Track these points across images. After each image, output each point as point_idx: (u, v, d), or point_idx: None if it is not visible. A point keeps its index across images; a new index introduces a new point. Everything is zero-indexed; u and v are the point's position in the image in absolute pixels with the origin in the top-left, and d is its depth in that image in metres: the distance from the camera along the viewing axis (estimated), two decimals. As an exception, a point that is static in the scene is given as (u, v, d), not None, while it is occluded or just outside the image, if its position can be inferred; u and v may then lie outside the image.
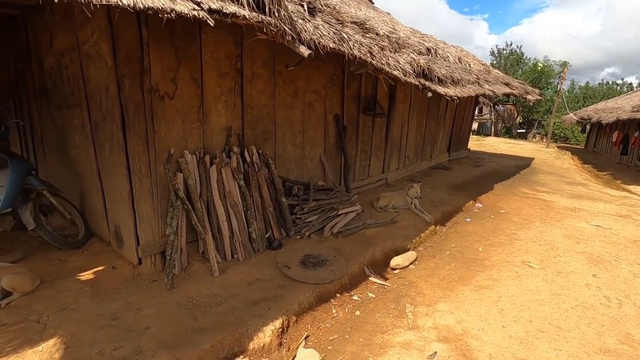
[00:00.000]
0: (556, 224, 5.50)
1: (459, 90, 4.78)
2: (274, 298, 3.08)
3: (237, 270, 3.43)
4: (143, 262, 3.45)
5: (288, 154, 4.88)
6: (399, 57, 3.71)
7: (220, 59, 3.82)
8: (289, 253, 3.82)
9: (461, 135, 11.42)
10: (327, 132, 5.52)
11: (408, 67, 3.70)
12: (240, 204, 3.78)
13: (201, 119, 3.74)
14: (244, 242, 3.69)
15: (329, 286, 3.36)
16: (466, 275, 3.84)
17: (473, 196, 6.70)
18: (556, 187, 8.15)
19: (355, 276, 3.67)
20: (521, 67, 26.75)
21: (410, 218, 5.23)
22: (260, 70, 4.27)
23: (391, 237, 4.53)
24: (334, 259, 3.78)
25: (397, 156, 7.71)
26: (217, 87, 3.85)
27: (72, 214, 4.04)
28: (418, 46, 4.92)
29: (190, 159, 3.56)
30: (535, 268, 3.97)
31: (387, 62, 3.27)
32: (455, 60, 6.23)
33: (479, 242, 4.77)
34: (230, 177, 3.73)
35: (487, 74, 7.50)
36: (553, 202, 6.81)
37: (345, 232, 4.41)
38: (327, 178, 5.56)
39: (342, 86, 5.64)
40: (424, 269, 4.01)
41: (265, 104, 4.42)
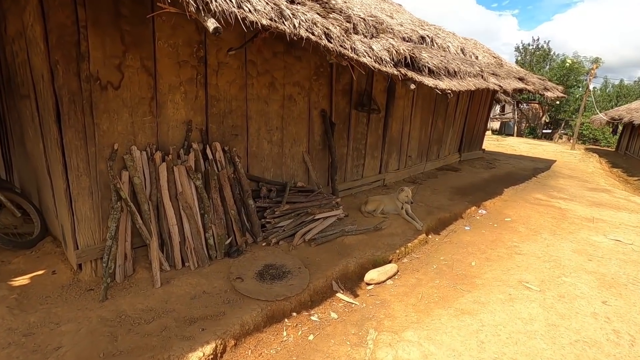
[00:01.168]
0: (568, 236, 4.85)
1: (455, 84, 4.23)
2: (214, 316, 2.69)
3: (184, 281, 3.07)
4: (83, 268, 3.15)
5: (263, 152, 4.48)
6: (373, 42, 3.23)
7: (178, 45, 3.46)
8: (247, 262, 3.43)
9: (474, 135, 10.70)
10: (312, 129, 5.08)
11: (385, 55, 3.21)
12: (195, 207, 3.42)
13: (154, 112, 3.39)
14: (197, 248, 3.32)
15: (284, 304, 2.94)
16: (449, 295, 3.33)
17: (477, 201, 6.10)
18: (575, 194, 7.39)
19: (320, 292, 3.24)
20: (548, 63, 25.24)
21: (400, 225, 4.73)
22: (228, 59, 3.88)
23: (372, 246, 4.06)
24: (297, 271, 3.36)
25: (397, 156, 7.17)
26: (175, 77, 3.49)
27: (29, 211, 3.80)
28: (409, 33, 4.39)
29: (139, 155, 3.23)
30: (533, 290, 3.41)
31: (351, 47, 2.80)
32: (457, 51, 5.63)
33: (473, 255, 4.22)
34: (184, 177, 3.37)
35: (497, 67, 6.82)
36: (569, 210, 6.10)
37: (319, 240, 3.98)
38: (310, 179, 5.13)
39: (331, 79, 5.18)
40: (402, 285, 3.52)
41: (235, 96, 4.04)
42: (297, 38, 2.32)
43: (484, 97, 10.46)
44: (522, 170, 9.55)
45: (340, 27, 2.77)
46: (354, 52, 2.84)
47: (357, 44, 2.99)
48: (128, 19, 3.08)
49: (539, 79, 8.65)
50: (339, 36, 2.69)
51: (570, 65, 22.94)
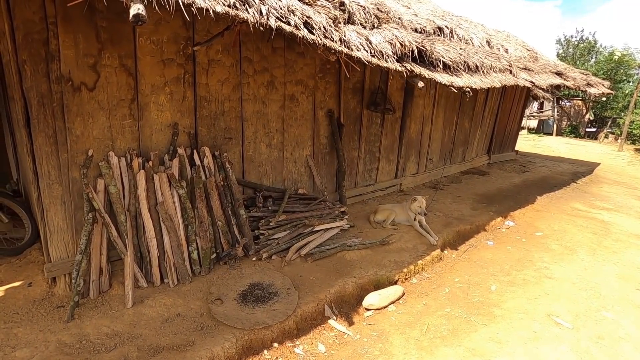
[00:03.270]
0: (611, 257, 4.16)
1: (476, 80, 3.68)
2: (182, 346, 2.39)
3: (158, 301, 2.80)
4: (57, 282, 2.96)
5: (261, 156, 4.16)
6: (374, 34, 2.78)
7: (162, 42, 3.19)
8: (231, 280, 3.11)
9: (506, 135, 9.87)
10: (317, 131, 4.69)
11: (387, 48, 2.76)
12: (177, 218, 3.14)
13: (135, 115, 3.14)
14: (178, 264, 3.05)
15: (264, 332, 2.60)
16: (461, 328, 2.85)
17: (504, 211, 5.47)
18: (621, 203, 6.52)
19: (309, 318, 2.87)
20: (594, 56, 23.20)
21: (411, 238, 4.25)
22: (220, 56, 3.58)
23: (376, 263, 3.63)
24: (285, 292, 3.00)
25: (416, 159, 6.63)
26: (159, 77, 3.22)
27: (21, 215, 3.70)
28: (424, 24, 3.88)
29: (116, 162, 2.99)
30: (564, 327, 2.85)
31: (341, 39, 2.38)
32: (482, 44, 5.02)
33: (494, 277, 3.68)
34: (165, 185, 3.10)
35: (531, 61, 6.10)
36: (613, 224, 5.33)
37: (317, 255, 3.60)
38: (315, 185, 4.75)
39: (339, 76, 4.77)
40: (406, 312, 3.08)
41: (228, 96, 3.73)
42: (265, 28, 1.96)
43: (517, 94, 9.61)
44: (559, 175, 8.67)
45: (328, 16, 2.37)
46: (344, 44, 2.43)
47: (352, 35, 2.57)
48: (104, 14, 2.83)
49: (581, 73, 7.76)
50: (325, 26, 2.29)
51: (620, 58, 20.94)
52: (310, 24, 2.20)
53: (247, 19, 1.85)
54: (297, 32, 2.09)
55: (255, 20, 1.89)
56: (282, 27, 2.00)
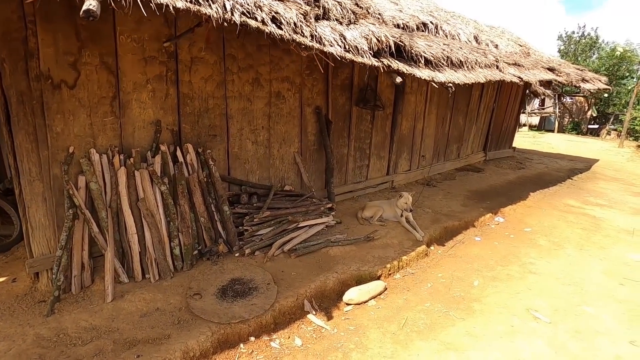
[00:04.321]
0: (598, 252, 4.15)
1: (459, 76, 3.67)
2: (157, 340, 2.42)
3: (138, 296, 2.83)
4: (40, 278, 3.00)
5: (247, 154, 4.18)
6: (350, 29, 2.78)
7: (144, 40, 3.21)
8: (212, 276, 3.14)
9: (503, 132, 9.82)
10: (304, 128, 4.71)
11: (363, 43, 2.76)
12: (159, 214, 3.17)
13: (117, 112, 3.17)
14: (159, 259, 3.08)
15: (241, 327, 2.62)
16: (438, 323, 2.85)
17: (495, 208, 5.45)
18: (616, 199, 6.48)
19: (287, 313, 2.88)
20: (595, 52, 22.97)
21: (397, 234, 4.26)
22: (203, 54, 3.60)
23: (359, 259, 3.64)
24: (265, 287, 3.02)
25: (408, 156, 6.63)
26: (141, 74, 3.25)
27: (10, 212, 3.74)
28: (407, 20, 3.87)
29: (97, 159, 3.02)
30: (542, 321, 2.85)
31: (312, 34, 2.38)
32: (469, 39, 5.00)
33: (478, 272, 3.68)
34: (146, 181, 3.13)
35: (522, 56, 6.06)
36: (604, 219, 5.30)
37: (300, 251, 3.62)
38: (303, 181, 4.76)
39: (327, 73, 4.77)
40: (386, 307, 3.09)
41: (212, 94, 3.75)
42: (229, 24, 1.97)
43: (514, 90, 9.55)
44: (555, 172, 8.62)
45: (298, 12, 2.38)
46: (316, 40, 2.44)
47: (326, 30, 2.58)
48: (83, 12, 2.86)
49: (576, 69, 7.71)
50: (295, 22, 2.30)
51: (622, 54, 20.74)
52: (278, 19, 2.21)
53: (209, 14, 1.87)
54: (263, 27, 2.10)
55: (219, 16, 1.90)
56: (247, 23, 2.01)
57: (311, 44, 2.36)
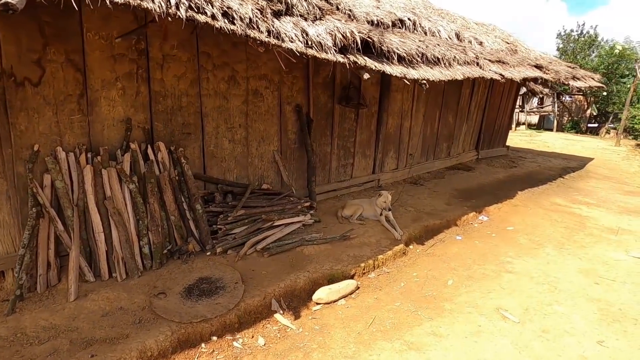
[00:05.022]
0: (578, 251, 4.10)
1: (435, 73, 3.62)
2: (115, 339, 2.40)
3: (102, 295, 2.81)
4: (6, 276, 2.98)
5: (224, 152, 4.15)
6: (315, 25, 2.74)
7: (113, 37, 3.18)
8: (180, 275, 3.12)
9: (495, 130, 9.76)
10: (284, 126, 4.68)
11: (327, 39, 2.72)
12: (127, 212, 3.15)
13: (85, 110, 3.15)
14: (126, 258, 3.05)
15: (203, 326, 2.59)
16: (405, 322, 2.82)
17: (479, 206, 5.41)
18: (605, 198, 6.41)
19: (253, 312, 2.86)
20: (594, 50, 22.79)
21: (376, 233, 4.23)
22: (175, 51, 3.57)
23: (333, 258, 3.61)
24: (232, 287, 3.00)
25: (395, 154, 6.59)
26: (109, 72, 3.23)
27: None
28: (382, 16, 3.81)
29: (64, 157, 3.00)
30: (511, 321, 2.80)
31: (269, 30, 2.34)
32: (450, 36, 4.94)
33: (454, 271, 3.64)
34: (114, 180, 3.11)
35: (508, 54, 6.00)
36: (590, 218, 5.25)
37: (273, 250, 3.59)
38: (283, 180, 4.73)
39: (307, 71, 4.74)
40: (356, 306, 3.05)
41: (186, 92, 3.73)
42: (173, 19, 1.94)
43: (507, 88, 9.50)
44: (547, 170, 8.55)
45: (255, 6, 2.34)
46: (273, 36, 2.41)
47: (288, 26, 2.54)
48: (47, 9, 2.81)
49: (567, 66, 7.63)
50: (250, 17, 2.27)
51: (621, 52, 20.57)
52: (230, 14, 2.18)
53: (151, 9, 1.84)
54: (213, 22, 2.07)
55: (162, 10, 1.87)
56: (195, 18, 1.98)
57: (267, 39, 2.33)
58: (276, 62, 4.36)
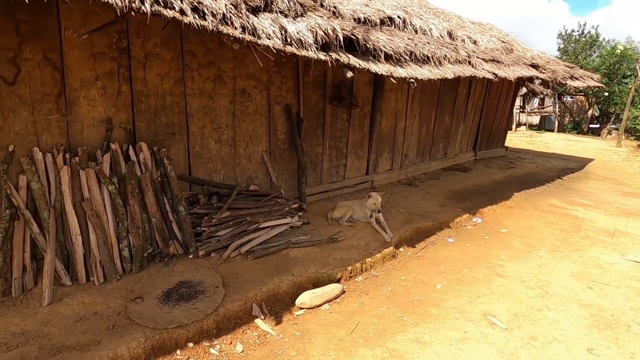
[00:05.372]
0: (572, 254, 3.99)
1: (424, 71, 3.54)
2: (86, 346, 2.32)
3: (77, 299, 2.73)
4: (-19, 280, 2.91)
5: (210, 152, 4.08)
6: (296, 22, 2.66)
7: (93, 35, 3.12)
8: (160, 278, 3.04)
9: (494, 131, 9.66)
10: (273, 126, 4.60)
11: (308, 36, 2.64)
12: (106, 214, 3.08)
13: (63, 110, 3.08)
14: (104, 261, 2.98)
15: (178, 332, 2.51)
16: (390, 328, 2.73)
17: (474, 208, 5.31)
18: (603, 199, 6.30)
19: (233, 317, 2.78)
20: (596, 50, 22.62)
21: (366, 235, 4.14)
22: (159, 50, 3.51)
23: (320, 261, 3.53)
24: (212, 291, 2.92)
25: (389, 155, 6.50)
26: (89, 71, 3.16)
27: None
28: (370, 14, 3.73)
29: (41, 158, 2.93)
30: (498, 327, 2.71)
31: (243, 26, 2.26)
32: (442, 34, 4.85)
33: (444, 275, 3.55)
34: (93, 181, 3.04)
35: (504, 53, 5.90)
36: (586, 220, 5.14)
37: (258, 252, 3.51)
38: (272, 181, 4.66)
39: (297, 70, 4.66)
40: (339, 311, 2.97)
41: (170, 91, 3.66)
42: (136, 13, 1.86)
43: (505, 89, 9.40)
44: (546, 171, 8.44)
45: (229, 1, 2.26)
46: (248, 32, 2.33)
47: (266, 23, 2.46)
48: (23, 6, 2.77)
49: (565, 66, 7.53)
50: (224, 13, 2.19)
51: (622, 52, 20.40)
52: (201, 9, 2.10)
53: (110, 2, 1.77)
54: (181, 17, 2.00)
55: (124, 5, 1.80)
56: (161, 13, 1.91)
57: (241, 36, 2.25)
58: (265, 60, 4.32)
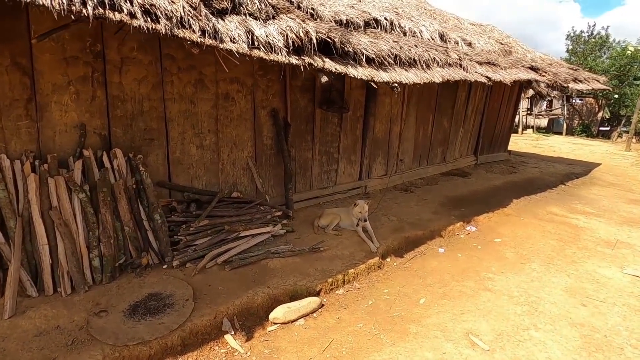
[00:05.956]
0: (567, 267, 3.79)
1: (410, 75, 3.39)
2: (40, 364, 2.22)
3: (41, 312, 2.64)
4: (-54, 290, 2.84)
5: (191, 158, 3.98)
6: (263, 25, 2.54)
7: (65, 39, 3.05)
8: (129, 290, 2.94)
9: (496, 135, 9.44)
10: (259, 131, 4.49)
11: (278, 40, 2.52)
12: (76, 223, 2.99)
13: (33, 115, 3.01)
14: (72, 272, 2.89)
15: (140, 349, 2.40)
16: (364, 347, 2.58)
17: (468, 216, 5.13)
18: (606, 207, 6.05)
19: (200, 333, 2.65)
20: (606, 51, 22.10)
21: (351, 244, 4.00)
22: (136, 53, 3.42)
23: (300, 272, 3.40)
24: (182, 304, 2.80)
25: (384, 160, 6.34)
26: (61, 75, 3.09)
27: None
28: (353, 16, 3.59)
29: (8, 165, 2.85)
30: (479, 349, 2.54)
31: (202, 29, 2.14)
32: (433, 37, 4.68)
33: (429, 288, 3.39)
34: (62, 189, 2.95)
35: (501, 55, 5.72)
36: (587, 229, 4.92)
37: (236, 263, 3.39)
38: (257, 187, 4.54)
39: (283, 74, 4.54)
40: (314, 327, 2.83)
41: (148, 96, 3.57)
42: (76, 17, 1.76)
43: (507, 92, 9.17)
44: (549, 176, 8.19)
45: (188, 3, 2.15)
46: (209, 36, 2.22)
47: (230, 25, 2.35)
48: (-10, 10, 2.70)
49: (569, 68, 7.30)
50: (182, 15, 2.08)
51: (633, 54, 19.90)
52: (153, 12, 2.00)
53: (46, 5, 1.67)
54: (130, 20, 1.89)
55: (62, 8, 1.70)
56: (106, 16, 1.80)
57: (200, 40, 2.14)
58: (249, 64, 4.21)
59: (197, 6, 2.17)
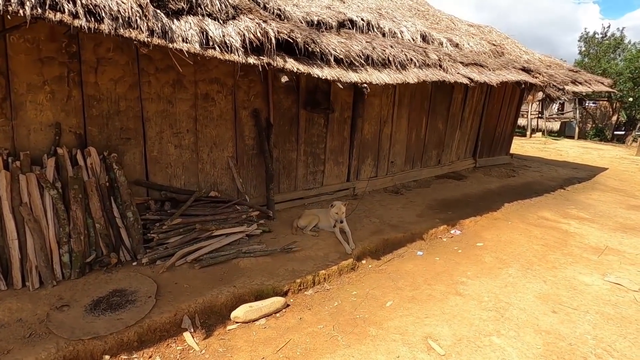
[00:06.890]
0: (545, 273, 3.69)
1: (382, 76, 3.35)
2: (-5, 355, 2.28)
3: (5, 305, 2.71)
4: None
5: (169, 158, 4.03)
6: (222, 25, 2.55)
7: (39, 40, 3.13)
8: (94, 286, 2.99)
9: (496, 138, 9.28)
10: (240, 132, 4.51)
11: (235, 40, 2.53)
12: (46, 219, 3.06)
13: (8, 114, 3.10)
14: (41, 267, 2.96)
15: (95, 343, 2.44)
16: (319, 349, 2.56)
17: (455, 219, 5.04)
18: (603, 212, 5.87)
19: (159, 329, 2.68)
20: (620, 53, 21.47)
21: (327, 246, 3.98)
22: (112, 54, 3.49)
23: (268, 272, 3.39)
24: (144, 300, 2.84)
25: (373, 162, 6.30)
26: (36, 75, 3.17)
27: None
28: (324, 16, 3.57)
29: (-20, 162, 2.94)
30: (435, 354, 2.49)
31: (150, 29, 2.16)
32: (415, 37, 4.63)
33: (399, 291, 3.34)
34: (33, 186, 3.03)
35: (491, 56, 5.61)
36: (576, 235, 4.78)
37: (206, 261, 3.41)
38: (238, 187, 4.56)
39: (265, 75, 4.56)
40: (274, 328, 2.82)
41: (124, 96, 3.63)
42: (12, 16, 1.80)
43: (508, 94, 9.02)
44: (548, 180, 7.99)
45: (136, 3, 2.18)
46: (157, 35, 2.24)
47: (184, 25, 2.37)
48: (-35, 12, 2.80)
49: (569, 70, 7.12)
50: (130, 15, 2.11)
51: (647, 55, 19.27)
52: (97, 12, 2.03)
53: None
54: (71, 21, 1.93)
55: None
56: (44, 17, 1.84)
57: (148, 39, 2.17)
58: (229, 65, 4.22)
59: (145, 6, 2.21)
